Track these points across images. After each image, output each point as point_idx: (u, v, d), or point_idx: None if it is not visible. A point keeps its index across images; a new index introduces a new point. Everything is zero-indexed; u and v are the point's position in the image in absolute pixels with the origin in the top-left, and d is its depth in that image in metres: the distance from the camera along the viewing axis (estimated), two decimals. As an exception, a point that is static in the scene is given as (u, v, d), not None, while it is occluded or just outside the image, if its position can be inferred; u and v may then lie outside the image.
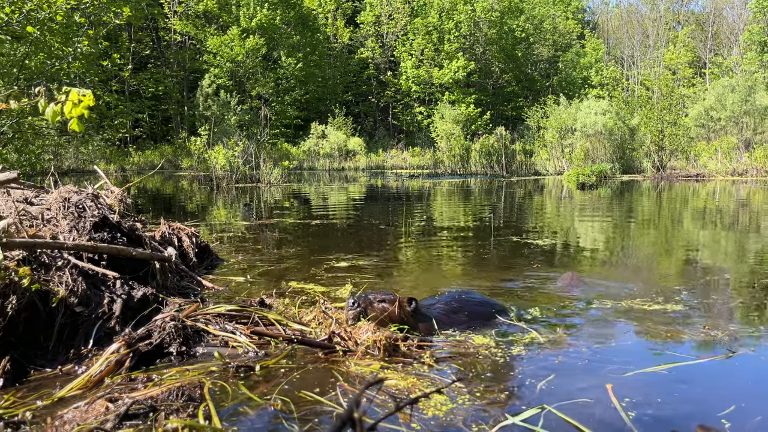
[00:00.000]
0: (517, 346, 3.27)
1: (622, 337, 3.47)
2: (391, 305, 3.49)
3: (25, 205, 4.36)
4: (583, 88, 48.55)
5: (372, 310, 3.48)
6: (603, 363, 3.00)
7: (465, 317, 3.78)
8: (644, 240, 7.84)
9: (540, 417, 2.35)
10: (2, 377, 2.71)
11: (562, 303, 4.23)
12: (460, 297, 3.98)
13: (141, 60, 42.95)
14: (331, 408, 2.41)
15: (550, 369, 2.91)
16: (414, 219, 10.30)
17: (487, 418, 2.35)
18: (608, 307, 4.12)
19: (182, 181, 24.40)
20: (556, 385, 2.71)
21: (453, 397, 2.56)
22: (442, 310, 3.78)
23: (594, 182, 21.19)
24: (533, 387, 2.68)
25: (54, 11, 10.05)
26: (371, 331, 3.25)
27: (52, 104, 3.72)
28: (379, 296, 3.56)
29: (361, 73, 53.25)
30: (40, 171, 14.94)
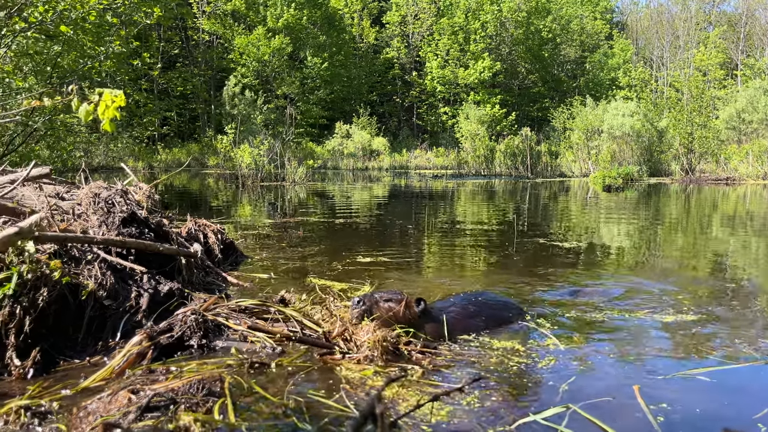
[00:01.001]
0: (535, 351, 3.23)
1: (648, 342, 3.41)
2: (397, 305, 3.37)
3: (56, 200, 4.47)
4: (611, 90, 47.88)
5: (377, 309, 3.36)
6: (628, 367, 2.96)
7: (482, 322, 3.62)
8: (671, 244, 7.73)
9: (565, 416, 2.33)
10: (32, 367, 2.78)
11: (585, 307, 4.18)
12: (476, 300, 3.82)
13: (170, 59, 43.59)
14: (340, 410, 2.42)
15: (570, 373, 2.88)
16: (437, 219, 10.29)
17: (506, 417, 2.35)
18: (633, 312, 4.06)
19: (208, 178, 24.71)
20: (578, 387, 2.68)
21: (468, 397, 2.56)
22: (456, 313, 3.61)
23: (620, 185, 20.92)
24: (554, 389, 2.66)
25: (87, 11, 10.26)
26: (371, 332, 3.10)
27: (85, 103, 3.81)
28: (385, 295, 3.43)
29: (386, 73, 53.29)
30: (71, 167, 15.29)
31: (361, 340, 3.08)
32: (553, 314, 3.97)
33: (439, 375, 2.83)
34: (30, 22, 9.59)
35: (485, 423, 2.31)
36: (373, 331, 3.13)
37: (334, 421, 2.25)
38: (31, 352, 2.82)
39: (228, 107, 38.56)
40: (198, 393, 2.41)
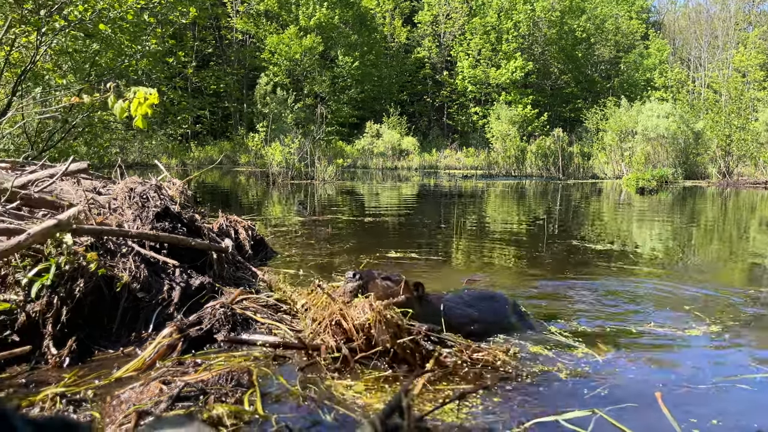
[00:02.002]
0: (560, 356, 3.19)
1: (677, 350, 3.33)
2: (395, 285, 3.12)
3: (93, 195, 4.58)
4: (646, 90, 46.94)
5: (373, 286, 3.10)
6: (654, 374, 2.90)
7: (477, 312, 3.39)
8: (707, 248, 7.55)
9: (590, 420, 2.30)
10: (68, 356, 2.86)
11: (613, 312, 4.10)
12: (481, 297, 3.60)
13: (204, 58, 44.24)
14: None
15: (595, 378, 2.84)
16: (467, 219, 10.24)
17: (529, 417, 2.33)
18: (663, 318, 3.98)
19: (240, 176, 25.01)
20: (603, 393, 2.64)
21: (483, 398, 2.55)
22: (457, 304, 3.37)
23: (654, 187, 20.53)
24: (579, 393, 2.63)
25: (125, 10, 10.48)
26: (368, 310, 2.74)
27: (120, 101, 3.90)
28: (384, 274, 3.20)
29: (417, 73, 53.19)
30: (107, 163, 15.62)
31: (357, 321, 2.74)
32: (579, 318, 3.91)
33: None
34: (70, 21, 9.83)
35: (509, 422, 2.30)
36: (369, 308, 2.76)
37: (356, 414, 2.26)
38: (67, 342, 2.90)
39: (260, 106, 38.96)
40: (227, 384, 2.45)
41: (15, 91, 10.35)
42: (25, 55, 10.70)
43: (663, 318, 3.94)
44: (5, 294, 2.93)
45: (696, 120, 28.07)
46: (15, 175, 4.64)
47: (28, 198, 4.04)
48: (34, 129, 12.51)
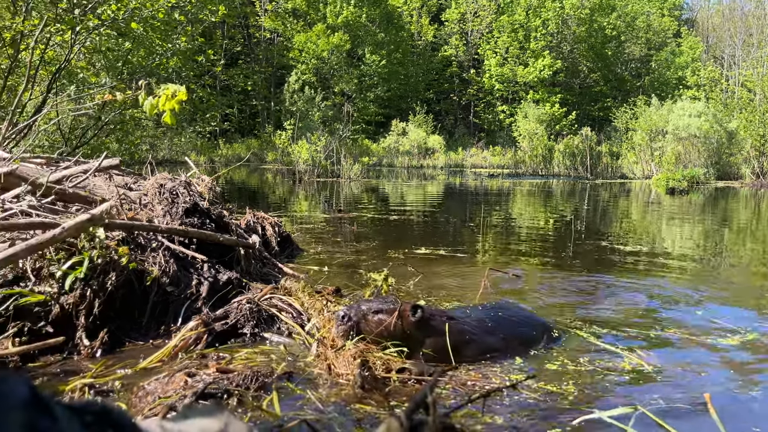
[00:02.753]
0: (592, 358, 3.14)
1: (712, 359, 3.22)
2: (389, 316, 2.86)
3: (125, 190, 4.67)
4: (678, 89, 46.02)
5: (366, 324, 2.87)
6: (695, 376, 2.84)
7: (501, 340, 3.07)
8: (739, 251, 7.39)
9: (631, 417, 2.26)
10: (100, 347, 2.92)
11: (646, 314, 4.00)
12: (496, 313, 3.25)
13: (232, 56, 44.71)
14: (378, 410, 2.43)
15: (631, 379, 2.79)
16: (493, 218, 10.18)
17: (568, 414, 2.30)
18: (697, 321, 3.90)
19: (267, 173, 25.23)
20: (641, 393, 2.60)
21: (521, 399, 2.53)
22: (473, 328, 3.06)
23: (685, 187, 20.14)
24: (616, 393, 2.59)
25: (156, 9, 10.65)
26: (351, 362, 2.60)
27: (150, 98, 3.97)
28: (375, 306, 2.93)
29: (444, 71, 52.99)
30: (138, 160, 15.90)
31: (342, 372, 2.63)
32: (614, 321, 3.86)
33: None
34: (103, 20, 10.03)
35: (547, 418, 2.28)
36: (353, 359, 2.62)
37: (371, 418, 2.26)
38: (99, 333, 2.96)
39: (287, 104, 39.26)
40: (252, 384, 2.47)
41: (50, 89, 10.59)
42: (60, 53, 10.94)
43: (698, 319, 3.86)
44: (40, 286, 3.01)
45: (729, 119, 27.42)
46: (50, 171, 4.75)
47: (62, 193, 4.14)
48: (68, 126, 12.79)
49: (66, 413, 0.60)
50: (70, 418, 0.60)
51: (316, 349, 2.94)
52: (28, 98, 10.39)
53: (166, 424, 0.77)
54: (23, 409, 0.56)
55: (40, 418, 0.57)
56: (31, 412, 0.57)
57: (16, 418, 0.55)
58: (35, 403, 0.58)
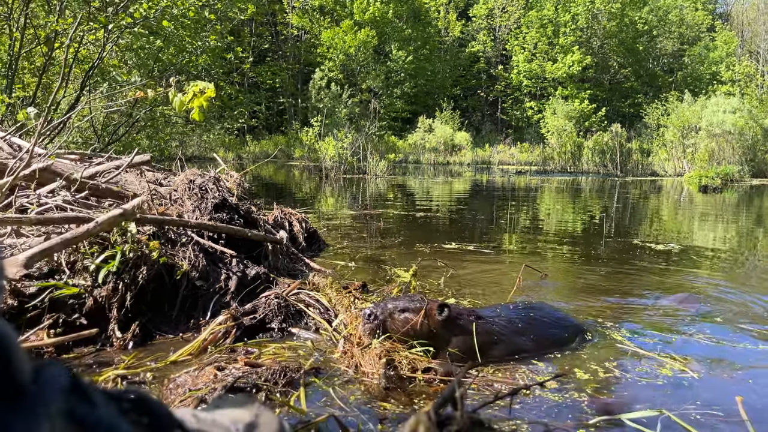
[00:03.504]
0: (620, 360, 3.09)
1: (748, 358, 3.14)
2: (415, 315, 2.87)
3: (155, 186, 4.75)
4: (711, 85, 44.97)
5: (392, 322, 2.88)
6: (725, 381, 2.78)
7: (531, 342, 3.02)
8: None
9: (657, 421, 2.22)
10: (132, 340, 2.98)
11: (677, 325, 3.84)
12: (526, 316, 3.18)
13: (260, 53, 45.12)
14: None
15: (661, 383, 2.75)
16: (520, 216, 10.10)
17: (591, 415, 2.28)
18: (734, 332, 3.77)
19: (293, 170, 25.41)
20: (669, 396, 2.56)
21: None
22: (502, 328, 3.02)
23: (718, 185, 19.70)
24: (643, 396, 2.55)
25: (186, 7, 10.81)
26: (376, 361, 2.61)
27: (180, 94, 4.03)
28: (401, 304, 2.93)
29: (471, 67, 52.69)
30: (168, 156, 16.16)
31: (368, 370, 2.64)
32: (651, 324, 3.79)
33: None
34: (135, 18, 10.21)
35: (567, 417, 2.26)
36: (378, 358, 2.64)
37: (395, 417, 2.27)
38: (131, 326, 3.03)
39: (314, 101, 39.47)
40: (280, 379, 2.50)
41: (83, 87, 10.82)
42: (93, 51, 11.17)
43: (732, 323, 3.78)
44: (74, 279, 3.08)
45: (765, 115, 26.72)
46: (84, 167, 4.86)
47: (95, 188, 4.23)
48: (101, 123, 13.06)
49: (104, 400, 0.62)
50: (108, 405, 0.62)
51: (342, 346, 2.95)
52: (62, 96, 10.64)
53: (199, 414, 0.78)
54: (64, 395, 0.58)
55: (80, 404, 0.59)
56: (71, 399, 0.58)
57: (57, 403, 0.56)
58: (75, 389, 0.59)
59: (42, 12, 11.07)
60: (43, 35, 10.14)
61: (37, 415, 0.54)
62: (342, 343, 2.99)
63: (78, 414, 0.58)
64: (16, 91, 9.41)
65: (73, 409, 0.58)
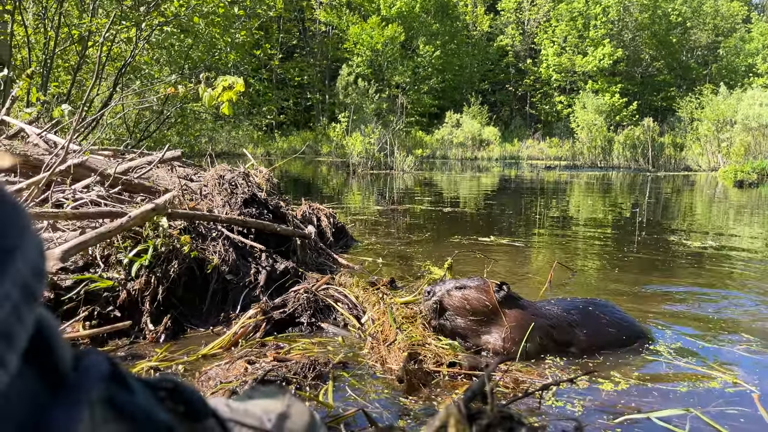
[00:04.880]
0: (648, 361, 3.03)
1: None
2: (473, 292, 2.91)
3: (186, 181, 4.82)
4: (747, 77, 43.84)
5: (449, 299, 2.93)
6: (751, 380, 2.72)
7: (583, 336, 2.94)
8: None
9: (685, 419, 2.19)
10: (164, 333, 3.04)
11: (725, 326, 3.73)
12: (585, 308, 3.08)
13: (288, 50, 45.40)
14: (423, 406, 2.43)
15: (691, 382, 2.69)
16: (550, 212, 9.99)
17: (619, 412, 2.25)
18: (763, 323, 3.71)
19: (321, 166, 25.53)
20: (700, 395, 2.51)
21: (583, 391, 2.48)
22: (556, 316, 2.98)
23: (754, 180, 19.19)
24: (673, 394, 2.51)
25: (216, 4, 10.93)
26: (399, 359, 2.58)
27: (209, 90, 4.07)
28: (459, 283, 2.98)
29: (499, 62, 52.27)
30: (197, 152, 16.40)
31: (393, 367, 2.60)
32: (678, 322, 3.72)
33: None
34: (166, 16, 10.36)
35: (595, 414, 2.24)
36: (401, 353, 2.62)
37: (415, 412, 2.26)
38: (162, 319, 3.08)
39: (341, 96, 39.59)
40: (309, 373, 2.52)
41: (116, 84, 11.03)
42: (125, 50, 11.37)
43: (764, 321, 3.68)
44: (108, 272, 3.15)
45: (804, 108, 25.96)
46: (117, 162, 4.96)
47: (128, 183, 4.31)
48: (133, 120, 13.30)
49: (142, 388, 0.63)
50: (145, 393, 0.63)
51: (370, 342, 2.97)
52: (95, 93, 10.87)
53: (231, 403, 0.79)
54: (104, 383, 0.59)
55: (119, 392, 0.60)
56: (111, 386, 0.60)
57: (98, 390, 0.58)
58: (115, 377, 0.61)
59: (76, 11, 11.31)
60: (77, 34, 10.36)
61: (78, 401, 0.56)
62: (369, 339, 3.01)
63: (117, 401, 0.60)
64: (51, 88, 9.63)
65: (113, 396, 0.60)
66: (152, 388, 0.65)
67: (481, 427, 0.89)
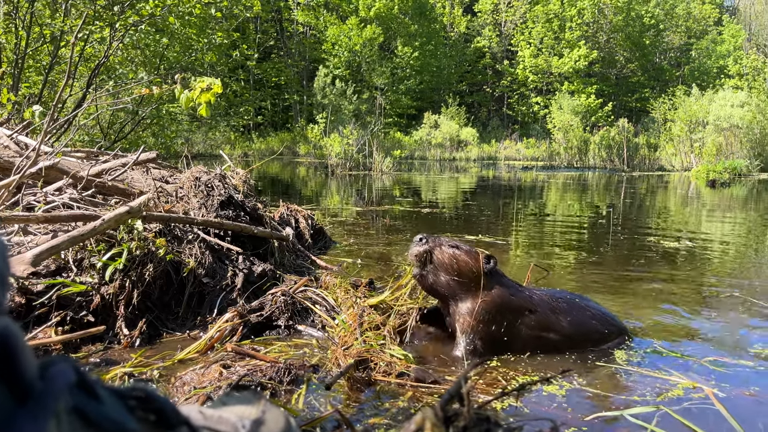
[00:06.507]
0: (624, 359, 3.08)
1: (743, 349, 3.16)
2: (464, 254, 2.91)
3: (161, 183, 4.76)
4: (719, 79, 44.72)
5: (440, 252, 2.91)
6: (711, 376, 2.78)
7: (566, 324, 2.95)
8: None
9: (653, 416, 2.23)
10: (139, 337, 2.99)
11: (696, 326, 3.81)
12: (571, 299, 3.10)
13: (265, 50, 45.13)
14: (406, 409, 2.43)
15: (662, 379, 2.74)
16: (526, 211, 10.08)
17: (592, 410, 2.28)
18: (729, 320, 3.79)
19: (299, 167, 25.42)
20: (669, 393, 2.55)
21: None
22: (539, 300, 2.98)
23: (726, 180, 19.57)
24: (644, 393, 2.55)
25: (192, 4, 10.81)
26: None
27: (186, 91, 4.03)
28: (453, 242, 2.98)
29: (477, 63, 52.58)
30: (174, 154, 16.21)
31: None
32: (649, 322, 3.78)
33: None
34: (141, 15, 10.22)
35: (570, 413, 2.26)
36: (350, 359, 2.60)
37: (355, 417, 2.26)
38: (138, 323, 3.04)
39: (319, 97, 39.46)
40: (285, 377, 2.51)
41: (89, 85, 10.85)
42: (99, 49, 11.19)
43: (733, 321, 3.76)
44: (81, 276, 3.09)
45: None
46: (90, 164, 4.88)
47: (102, 186, 4.24)
48: (107, 121, 13.11)
49: (111, 397, 0.62)
50: (114, 402, 0.62)
51: (331, 346, 2.97)
52: (68, 94, 10.68)
53: (205, 410, 0.78)
54: (70, 392, 0.58)
55: (87, 401, 0.59)
56: (78, 395, 0.58)
57: (64, 400, 0.56)
58: (82, 386, 0.59)
59: (47, 10, 11.10)
60: (48, 34, 10.18)
61: (44, 411, 0.54)
62: (331, 343, 3.01)
63: (85, 411, 0.58)
64: (22, 89, 9.44)
65: (81, 405, 0.58)
66: (122, 396, 0.64)
67: (457, 429, 0.89)
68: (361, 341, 2.83)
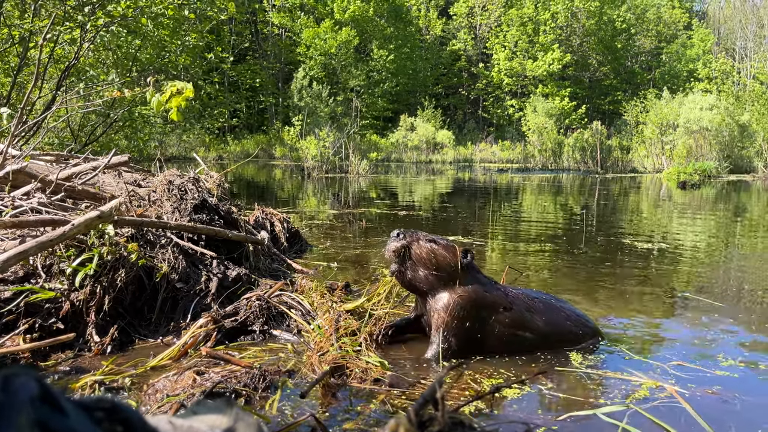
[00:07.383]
0: (599, 361, 3.12)
1: (712, 350, 3.23)
2: (441, 249, 2.91)
3: (134, 187, 4.69)
4: (689, 82, 45.64)
5: (418, 247, 2.92)
6: (677, 377, 2.83)
7: (541, 323, 2.97)
8: (757, 246, 7.32)
9: (624, 414, 2.27)
10: (110, 344, 2.94)
11: (667, 328, 3.85)
12: (547, 299, 3.13)
13: (240, 52, 44.75)
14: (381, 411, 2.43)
15: (635, 379, 2.77)
16: (502, 213, 10.15)
17: (565, 410, 2.31)
18: (736, 342, 3.67)
19: (275, 169, 25.26)
20: (641, 393, 2.59)
21: (535, 392, 2.52)
22: (514, 297, 2.98)
23: (697, 181, 19.97)
24: (616, 392, 2.58)
25: (165, 6, 10.67)
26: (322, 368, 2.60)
27: (158, 95, 3.98)
28: (430, 236, 2.99)
29: (452, 66, 52.81)
30: (147, 157, 15.99)
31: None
32: (620, 324, 3.83)
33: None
34: (113, 17, 10.06)
35: (543, 414, 2.28)
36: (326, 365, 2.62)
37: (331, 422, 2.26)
38: (109, 330, 2.98)
39: (295, 100, 39.26)
40: (260, 384, 2.48)
41: (59, 86, 10.64)
42: (69, 51, 10.99)
43: (743, 338, 3.83)
44: (51, 283, 3.03)
45: (741, 112, 27.17)
46: (59, 168, 4.78)
47: (72, 190, 4.16)
48: (78, 123, 12.87)
49: (76, 410, 0.60)
50: (79, 415, 0.60)
51: (307, 351, 2.95)
52: (37, 96, 10.47)
53: (175, 420, 0.77)
54: (33, 405, 0.56)
55: (51, 414, 0.57)
56: (40, 408, 0.57)
57: (26, 414, 0.55)
58: (45, 398, 0.58)
59: (16, 11, 10.87)
60: (17, 35, 9.96)
61: (6, 425, 0.53)
62: (306, 349, 2.99)
63: (48, 425, 0.57)
64: (-10, 91, 9.22)
65: (43, 418, 0.57)
66: (88, 408, 0.62)
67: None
68: (337, 347, 2.81)
